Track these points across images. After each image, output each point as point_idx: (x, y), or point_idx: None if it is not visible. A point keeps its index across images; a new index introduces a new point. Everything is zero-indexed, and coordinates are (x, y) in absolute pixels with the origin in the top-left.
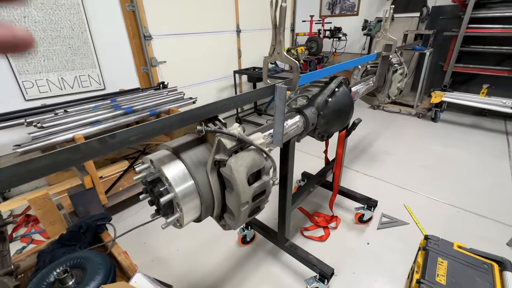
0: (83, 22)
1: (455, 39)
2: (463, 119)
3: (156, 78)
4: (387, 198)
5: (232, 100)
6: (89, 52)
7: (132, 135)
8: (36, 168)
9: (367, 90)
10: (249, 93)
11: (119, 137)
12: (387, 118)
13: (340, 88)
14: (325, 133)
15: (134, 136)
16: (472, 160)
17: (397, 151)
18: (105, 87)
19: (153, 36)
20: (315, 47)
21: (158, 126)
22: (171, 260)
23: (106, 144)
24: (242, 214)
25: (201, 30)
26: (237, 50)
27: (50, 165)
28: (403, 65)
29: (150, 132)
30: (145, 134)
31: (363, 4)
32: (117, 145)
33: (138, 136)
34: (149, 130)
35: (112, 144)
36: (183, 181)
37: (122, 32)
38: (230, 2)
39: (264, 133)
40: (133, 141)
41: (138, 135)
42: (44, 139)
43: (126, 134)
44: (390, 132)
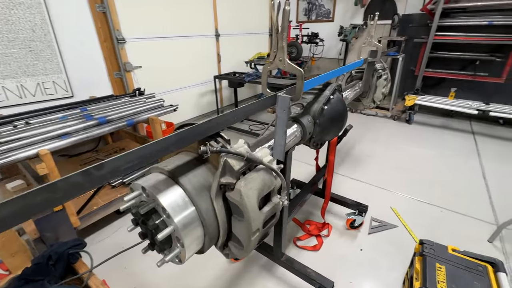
0: (46, 23)
1: (425, 45)
2: (433, 120)
3: (131, 84)
4: (374, 202)
5: (234, 113)
6: (53, 56)
7: (124, 163)
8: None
9: (354, 95)
10: (251, 105)
11: (108, 167)
12: (366, 121)
13: (335, 95)
14: (320, 141)
15: (127, 164)
16: (446, 160)
17: (378, 153)
18: (73, 94)
19: (127, 39)
20: (295, 52)
21: (155, 149)
22: (156, 285)
23: (92, 178)
24: (252, 243)
25: (179, 33)
26: (217, 54)
27: (21, 212)
28: (387, 70)
29: (146, 157)
30: (140, 160)
31: (338, 11)
32: (106, 177)
33: (132, 163)
34: (144, 155)
35: (100, 176)
36: (183, 210)
37: (92, 35)
38: (208, 6)
39: (263, 145)
40: (125, 170)
41: (131, 162)
42: (1, 156)
43: (116, 162)
44: (370, 135)
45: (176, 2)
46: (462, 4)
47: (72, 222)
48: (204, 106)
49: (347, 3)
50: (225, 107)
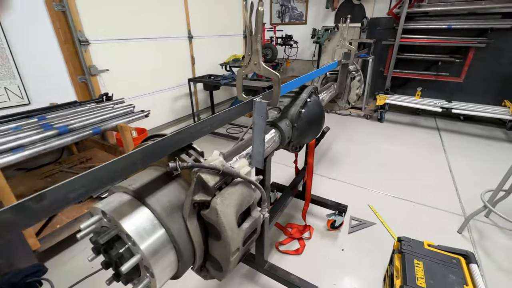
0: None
1: (392, 47)
2: (403, 118)
3: (98, 89)
4: (352, 200)
5: (209, 122)
6: (4, 59)
7: (71, 189)
8: None
9: (330, 97)
10: (227, 112)
11: (50, 197)
12: (340, 120)
13: (311, 97)
14: (299, 145)
15: (77, 191)
16: (416, 156)
17: (353, 152)
18: (30, 101)
19: (91, 41)
20: (270, 54)
21: (117, 168)
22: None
23: (29, 213)
24: (232, 264)
25: (149, 35)
26: (191, 57)
27: None
28: (360, 72)
29: (102, 180)
30: (96, 184)
31: (310, 14)
32: (50, 210)
33: (84, 189)
34: (100, 178)
35: (39, 211)
36: (152, 235)
37: (49, 36)
38: (180, 7)
39: (241, 153)
40: (76, 198)
41: (84, 188)
42: None
43: (61, 190)
44: (345, 134)
45: (145, 1)
46: (424, 9)
47: (31, 245)
48: (179, 110)
49: (318, 6)
50: (201, 110)
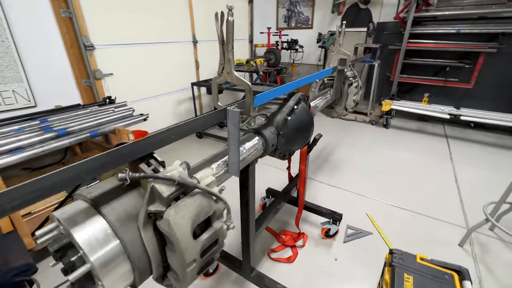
0: (4, 29)
1: (399, 52)
2: (409, 124)
3: (102, 92)
4: (350, 208)
5: (172, 131)
6: (12, 63)
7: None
8: None
9: (326, 103)
10: (195, 120)
11: None
12: (345, 126)
13: (299, 105)
14: (287, 152)
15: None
16: (421, 163)
17: (356, 159)
18: (36, 103)
19: (96, 46)
20: (274, 58)
21: (61, 179)
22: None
23: None
24: (188, 275)
25: (154, 40)
26: (195, 61)
27: None
28: (357, 78)
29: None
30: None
31: (316, 18)
32: None
33: (21, 200)
34: (43, 187)
35: None
36: (104, 245)
37: (57, 41)
38: (185, 12)
39: (218, 161)
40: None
41: (19, 199)
42: None
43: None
44: (348, 140)
45: (150, 7)
46: (432, 13)
47: (26, 244)
48: (182, 113)
49: (325, 11)
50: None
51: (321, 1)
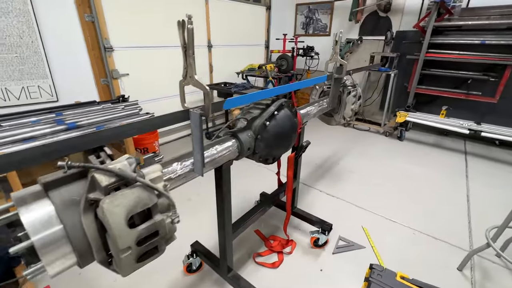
0: (34, 30)
1: (417, 62)
2: (426, 138)
3: (118, 91)
4: (346, 220)
5: (127, 128)
6: (39, 62)
7: None
8: None
9: (320, 111)
10: (155, 119)
11: None
12: (356, 135)
13: (281, 111)
14: (268, 157)
15: None
16: (432, 179)
17: (362, 170)
18: (58, 99)
19: (115, 48)
20: (285, 64)
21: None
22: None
23: None
24: (123, 261)
25: (169, 43)
26: (209, 65)
27: None
28: (357, 87)
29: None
30: None
31: (334, 26)
32: None
33: None
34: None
35: None
36: (47, 226)
37: (79, 43)
38: (201, 18)
39: (188, 160)
40: None
41: None
42: None
43: None
44: (357, 150)
45: (167, 13)
46: (455, 23)
47: None
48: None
49: (343, 18)
50: (217, 116)
51: (340, 8)
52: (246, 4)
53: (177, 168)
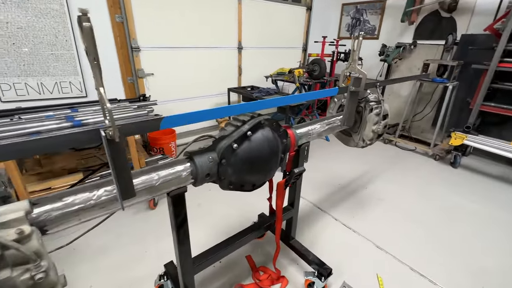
0: (68, 30)
1: (486, 73)
2: (490, 168)
3: (143, 89)
4: (358, 261)
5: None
6: (72, 59)
7: None
8: None
9: (329, 130)
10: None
11: None
12: (397, 155)
13: (258, 131)
14: (243, 183)
15: None
16: (487, 223)
17: (395, 199)
18: (87, 94)
19: (142, 48)
20: (318, 70)
21: None
22: None
23: None
24: None
25: (197, 44)
26: (238, 67)
27: None
28: (382, 103)
29: None
30: None
31: (384, 28)
32: None
33: None
34: None
35: None
36: None
37: (109, 42)
38: (232, 20)
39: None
40: None
41: None
42: None
43: None
44: (394, 173)
45: (196, 15)
46: None
47: None
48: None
49: (395, 19)
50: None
51: (392, 8)
52: (283, 4)
53: (91, 196)
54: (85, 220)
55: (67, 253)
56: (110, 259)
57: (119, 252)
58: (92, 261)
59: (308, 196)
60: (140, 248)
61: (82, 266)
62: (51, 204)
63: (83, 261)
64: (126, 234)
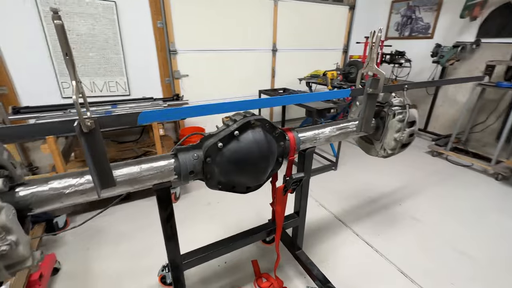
0: (117, 35)
1: None
2: None
3: (178, 90)
4: (374, 287)
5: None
6: (119, 62)
7: None
8: None
9: (342, 136)
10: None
11: None
12: (447, 170)
13: (246, 131)
14: (233, 184)
15: None
16: None
17: (436, 221)
18: (130, 93)
19: (179, 50)
20: (355, 72)
21: None
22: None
23: None
24: None
25: (231, 47)
26: (271, 69)
27: None
28: (407, 109)
29: None
30: None
31: (440, 26)
32: None
33: None
34: None
35: None
36: None
37: (151, 46)
38: (268, 22)
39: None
40: None
41: None
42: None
43: None
44: (440, 192)
45: (231, 19)
46: None
47: None
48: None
49: (453, 16)
50: (274, 122)
51: (451, 2)
52: (323, 5)
53: (74, 182)
54: (68, 203)
55: (94, 232)
56: (129, 244)
57: (137, 240)
58: (113, 244)
59: (329, 206)
60: (157, 239)
61: (105, 247)
62: (37, 186)
63: (106, 242)
64: (147, 224)
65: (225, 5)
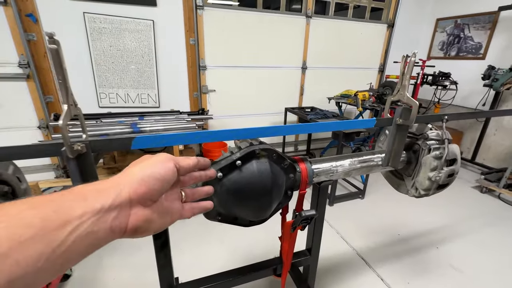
0: (152, 51)
1: None
2: None
3: (205, 104)
4: None
5: None
6: (152, 75)
7: None
8: None
9: (365, 169)
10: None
11: None
12: (498, 212)
13: (250, 162)
14: (235, 216)
15: None
16: None
17: (481, 273)
18: (160, 105)
19: (208, 66)
20: (390, 94)
21: None
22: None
23: None
24: None
25: (260, 64)
26: (300, 87)
27: None
28: (445, 144)
29: None
30: None
31: (494, 46)
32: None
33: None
34: None
35: None
36: None
37: (182, 62)
38: (299, 39)
39: None
40: None
41: None
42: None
43: None
44: (488, 236)
45: (261, 36)
46: None
47: None
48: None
49: (510, 34)
50: (300, 141)
51: (509, 20)
52: (358, 23)
53: None
54: None
55: None
56: (141, 257)
57: (150, 253)
58: (126, 254)
59: (351, 240)
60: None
61: (117, 257)
62: None
63: (119, 252)
64: None
65: (256, 23)
